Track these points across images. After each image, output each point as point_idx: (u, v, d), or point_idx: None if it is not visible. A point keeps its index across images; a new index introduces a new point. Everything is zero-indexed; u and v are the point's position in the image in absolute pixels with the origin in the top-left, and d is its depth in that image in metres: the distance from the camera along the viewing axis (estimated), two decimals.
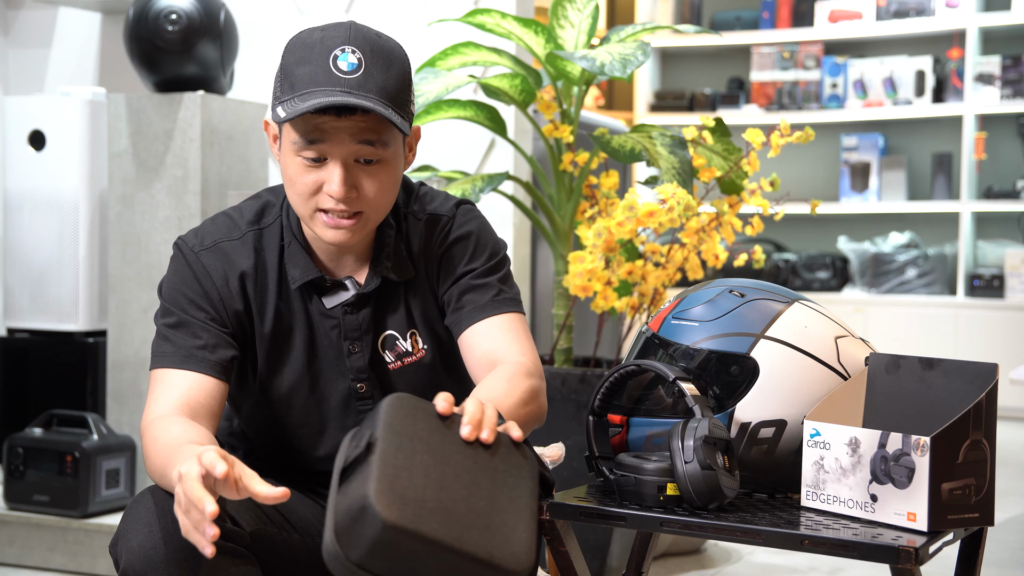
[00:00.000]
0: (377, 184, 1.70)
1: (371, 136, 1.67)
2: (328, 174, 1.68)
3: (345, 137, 1.66)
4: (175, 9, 3.27)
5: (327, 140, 1.66)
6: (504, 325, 1.78)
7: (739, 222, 2.93)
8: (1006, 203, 6.26)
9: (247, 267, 1.78)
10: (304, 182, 1.69)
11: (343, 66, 1.64)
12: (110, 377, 3.38)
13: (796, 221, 6.75)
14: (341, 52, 1.65)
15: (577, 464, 2.25)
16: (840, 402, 1.72)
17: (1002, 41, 6.44)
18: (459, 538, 1.36)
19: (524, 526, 1.42)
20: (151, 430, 1.62)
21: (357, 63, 1.65)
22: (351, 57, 1.65)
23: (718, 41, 6.91)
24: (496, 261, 1.83)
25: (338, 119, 1.64)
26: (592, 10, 3.05)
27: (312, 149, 1.67)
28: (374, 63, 1.66)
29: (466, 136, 3.52)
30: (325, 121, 1.65)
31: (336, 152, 1.67)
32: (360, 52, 1.65)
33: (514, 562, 1.38)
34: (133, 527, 1.54)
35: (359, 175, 1.69)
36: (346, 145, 1.66)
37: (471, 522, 1.38)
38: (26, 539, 3.24)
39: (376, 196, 1.71)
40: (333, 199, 1.68)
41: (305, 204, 1.70)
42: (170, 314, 1.75)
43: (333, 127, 1.65)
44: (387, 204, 1.74)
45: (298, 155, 1.68)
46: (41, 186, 3.58)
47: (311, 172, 1.68)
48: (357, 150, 1.67)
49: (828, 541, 1.52)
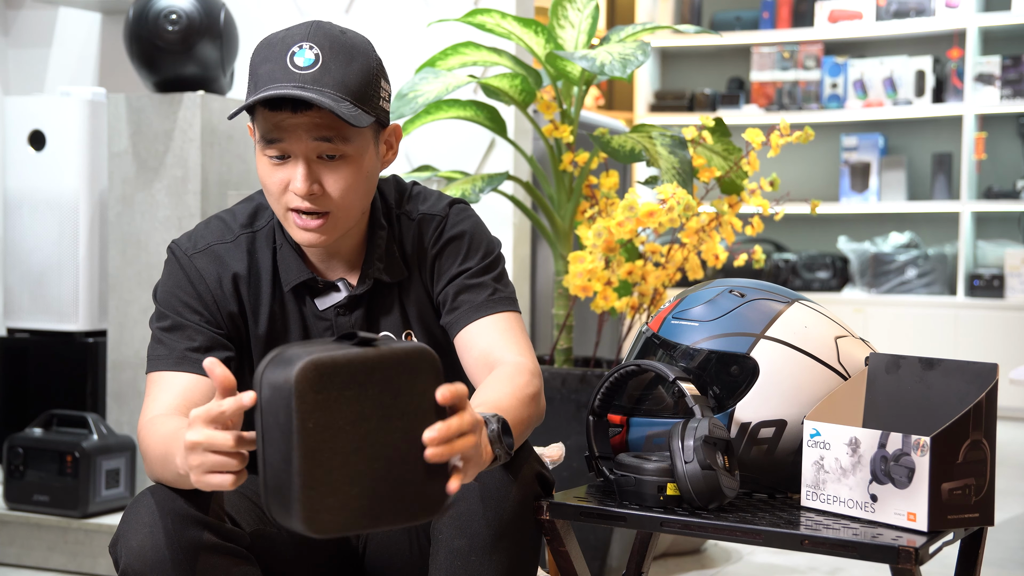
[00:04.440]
0: (340, 180, 1.69)
1: (327, 132, 1.67)
2: (291, 172, 1.69)
3: (302, 134, 1.66)
4: (175, 9, 3.27)
5: (285, 138, 1.67)
6: (500, 324, 1.78)
7: (739, 222, 2.93)
8: (1006, 203, 6.26)
9: (240, 269, 1.78)
10: (272, 181, 1.70)
11: (299, 62, 1.65)
12: (110, 377, 3.38)
13: (796, 221, 6.75)
14: (299, 48, 1.66)
15: (577, 464, 2.25)
16: (840, 402, 1.72)
17: (1002, 41, 6.44)
18: (391, 520, 1.38)
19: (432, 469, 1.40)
20: (148, 429, 1.63)
21: (314, 59, 1.65)
22: (308, 53, 1.66)
23: (718, 41, 6.91)
24: (490, 260, 1.83)
25: (294, 115, 1.65)
26: (592, 10, 3.04)
27: (273, 147, 1.68)
28: (333, 58, 1.66)
29: (466, 136, 3.52)
30: (283, 119, 1.66)
31: (296, 149, 1.67)
32: (318, 48, 1.66)
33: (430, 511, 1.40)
34: (133, 527, 1.54)
35: (321, 172, 1.69)
36: (304, 142, 1.67)
37: (397, 494, 1.39)
38: (26, 539, 3.24)
39: (341, 194, 1.70)
40: (298, 196, 1.69)
41: (277, 203, 1.72)
42: (164, 317, 1.75)
43: (290, 124, 1.66)
44: (355, 203, 1.73)
45: (263, 154, 1.70)
46: (41, 186, 3.57)
47: (277, 171, 1.70)
48: (316, 146, 1.67)
49: (828, 541, 1.53)
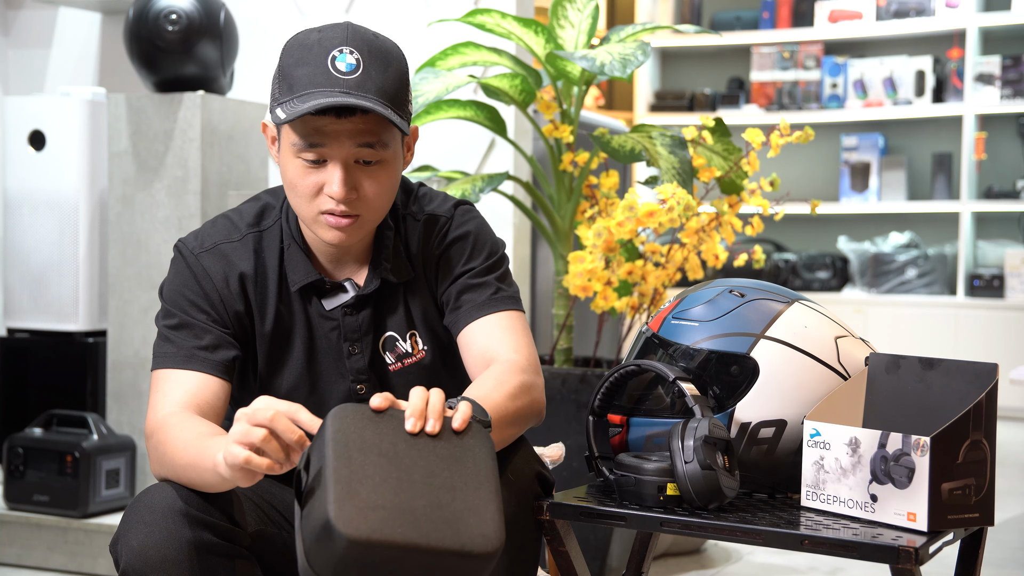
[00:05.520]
0: (377, 185, 1.70)
1: (370, 138, 1.67)
2: (328, 176, 1.67)
3: (345, 139, 1.66)
4: (175, 9, 3.27)
5: (327, 143, 1.66)
6: (502, 323, 1.78)
7: (739, 222, 2.93)
8: (1006, 203, 6.26)
9: (247, 269, 1.78)
10: (305, 184, 1.69)
11: (341, 67, 1.64)
12: (110, 377, 3.38)
13: (796, 221, 6.75)
14: (339, 53, 1.65)
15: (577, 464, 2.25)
16: (840, 402, 1.72)
17: (1002, 41, 6.44)
18: (426, 535, 1.35)
19: (488, 505, 1.41)
20: (167, 426, 1.62)
21: (355, 63, 1.65)
22: (349, 58, 1.65)
23: (718, 41, 6.91)
24: (494, 260, 1.83)
25: (338, 120, 1.64)
26: (592, 10, 3.04)
27: (312, 152, 1.67)
28: (372, 63, 1.66)
29: (466, 136, 3.52)
30: (325, 124, 1.64)
31: (336, 154, 1.66)
32: (358, 52, 1.65)
33: (485, 543, 1.38)
34: (134, 526, 1.54)
35: (359, 176, 1.69)
36: (346, 147, 1.66)
37: (435, 516, 1.37)
38: (26, 539, 3.24)
39: (375, 198, 1.70)
40: (334, 200, 1.68)
41: (308, 206, 1.70)
42: (171, 316, 1.75)
43: (333, 129, 1.65)
44: (385, 206, 1.74)
45: (298, 156, 1.68)
46: (41, 186, 3.57)
47: (311, 174, 1.68)
48: (357, 152, 1.67)
49: (828, 541, 1.53)
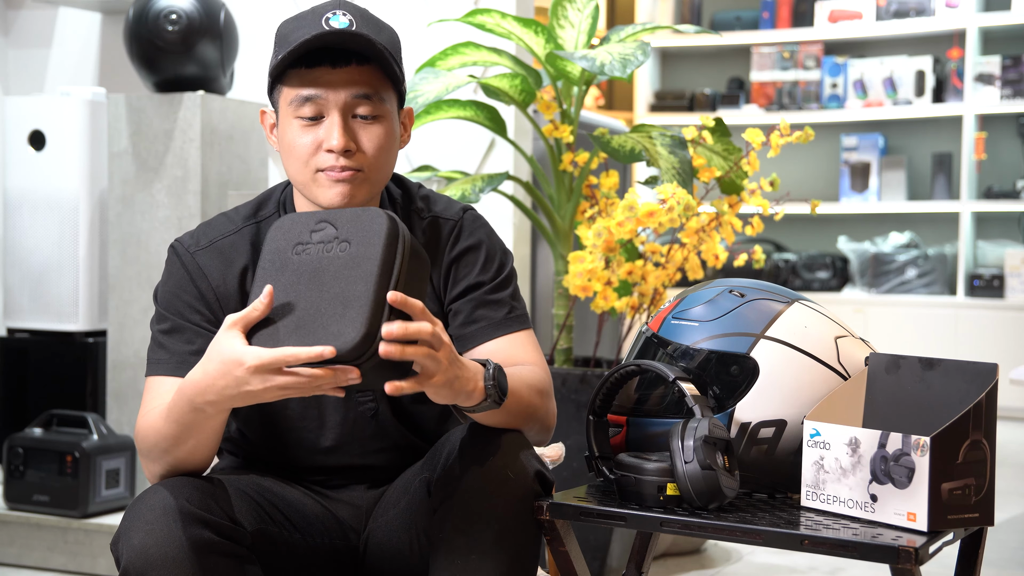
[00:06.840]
0: (376, 140, 1.71)
1: (367, 89, 1.69)
2: (326, 130, 1.69)
3: (340, 89, 1.68)
4: (175, 9, 3.27)
5: (323, 94, 1.67)
6: (517, 342, 1.80)
7: (739, 222, 2.93)
8: (1006, 203, 6.26)
9: (246, 261, 1.77)
10: (303, 143, 1.70)
11: (335, 24, 1.67)
12: (110, 377, 3.38)
13: (796, 221, 6.75)
14: (332, 14, 1.68)
15: (577, 464, 2.25)
16: (840, 402, 1.72)
17: (1002, 41, 6.44)
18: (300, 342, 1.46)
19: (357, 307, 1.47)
20: (148, 419, 1.64)
21: (349, 23, 1.67)
22: (343, 18, 1.68)
23: (718, 41, 6.91)
24: (505, 275, 1.83)
25: (333, 70, 1.67)
26: (592, 10, 3.04)
27: (308, 106, 1.68)
28: (365, 25, 1.69)
29: (466, 136, 3.52)
30: (321, 74, 1.67)
31: (332, 104, 1.68)
32: (351, 15, 1.69)
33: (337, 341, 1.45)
34: (135, 525, 1.54)
35: (357, 130, 1.70)
36: (342, 96, 1.68)
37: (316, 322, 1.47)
38: (26, 539, 3.24)
39: (375, 152, 1.71)
40: (333, 153, 1.69)
41: (305, 167, 1.71)
42: (164, 319, 1.75)
43: (328, 79, 1.67)
44: (386, 165, 1.74)
45: (295, 116, 1.70)
46: (41, 186, 3.57)
47: (308, 132, 1.70)
48: (354, 104, 1.69)
49: (828, 541, 1.53)
